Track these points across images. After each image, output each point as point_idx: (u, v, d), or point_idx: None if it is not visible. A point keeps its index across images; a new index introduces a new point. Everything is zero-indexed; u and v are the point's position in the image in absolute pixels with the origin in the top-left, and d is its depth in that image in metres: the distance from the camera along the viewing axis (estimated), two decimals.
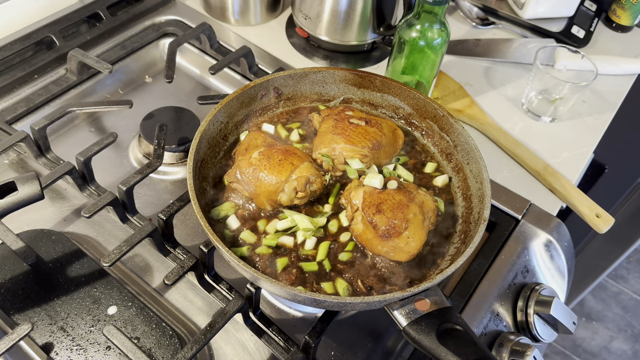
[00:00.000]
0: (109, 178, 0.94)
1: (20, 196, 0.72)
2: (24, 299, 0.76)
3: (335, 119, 0.83)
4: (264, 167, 0.75)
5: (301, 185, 0.74)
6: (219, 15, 1.25)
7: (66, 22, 1.12)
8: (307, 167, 0.76)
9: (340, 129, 0.81)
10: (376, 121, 0.83)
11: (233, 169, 0.78)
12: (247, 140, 0.81)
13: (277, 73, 0.87)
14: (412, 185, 0.77)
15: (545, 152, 1.05)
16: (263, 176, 0.74)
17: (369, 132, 0.81)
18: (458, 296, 0.83)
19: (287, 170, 0.74)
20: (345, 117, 0.83)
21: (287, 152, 0.77)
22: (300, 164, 0.76)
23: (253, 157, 0.76)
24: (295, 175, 0.74)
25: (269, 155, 0.76)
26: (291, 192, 0.75)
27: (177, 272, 0.75)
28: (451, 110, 1.08)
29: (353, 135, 0.80)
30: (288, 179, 0.74)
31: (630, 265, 2.57)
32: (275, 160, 0.75)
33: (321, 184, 0.77)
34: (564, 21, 1.30)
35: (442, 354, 0.59)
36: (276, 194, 0.75)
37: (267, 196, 0.75)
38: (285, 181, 0.74)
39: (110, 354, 0.73)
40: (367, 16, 1.11)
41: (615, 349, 2.31)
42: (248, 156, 0.77)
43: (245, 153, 0.78)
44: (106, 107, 0.95)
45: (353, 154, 0.80)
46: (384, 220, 0.71)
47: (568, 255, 0.93)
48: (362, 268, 0.72)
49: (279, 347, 0.74)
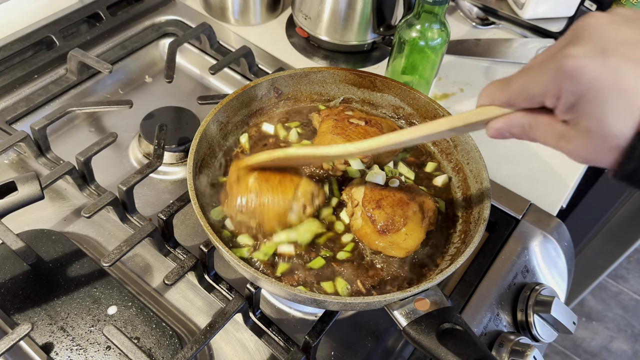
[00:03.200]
0: (109, 178, 0.94)
1: (20, 196, 0.72)
2: (24, 299, 0.76)
3: (335, 119, 0.83)
4: (266, 190, 0.71)
5: (308, 199, 0.72)
6: (219, 15, 1.25)
7: (66, 22, 1.12)
8: (308, 182, 0.74)
9: (340, 129, 0.81)
10: (376, 121, 0.83)
11: (231, 200, 0.72)
12: (235, 169, 0.75)
13: (277, 73, 0.87)
14: (414, 185, 0.77)
15: (545, 152, 1.05)
16: (268, 199, 0.70)
17: (369, 132, 0.81)
18: (458, 296, 0.83)
19: (291, 188, 0.72)
20: (345, 117, 0.83)
21: (282, 171, 0.74)
22: (300, 180, 0.73)
23: (250, 183, 0.72)
24: (300, 191, 0.72)
25: (266, 179, 0.72)
26: (300, 209, 0.72)
27: (177, 272, 0.75)
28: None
29: (353, 135, 0.80)
30: (294, 196, 0.71)
31: (630, 265, 2.57)
32: (275, 182, 0.72)
33: (324, 196, 0.75)
34: (564, 21, 1.30)
35: (442, 354, 0.59)
36: (285, 215, 0.71)
37: (276, 219, 0.71)
38: (292, 199, 0.71)
39: (110, 354, 0.73)
40: (367, 16, 1.11)
41: (615, 349, 2.31)
42: (245, 184, 0.72)
43: (240, 182, 0.73)
44: (106, 107, 0.95)
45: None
46: (383, 215, 0.71)
47: (568, 255, 0.93)
48: (362, 268, 0.72)
49: (279, 347, 0.74)
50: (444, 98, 1.14)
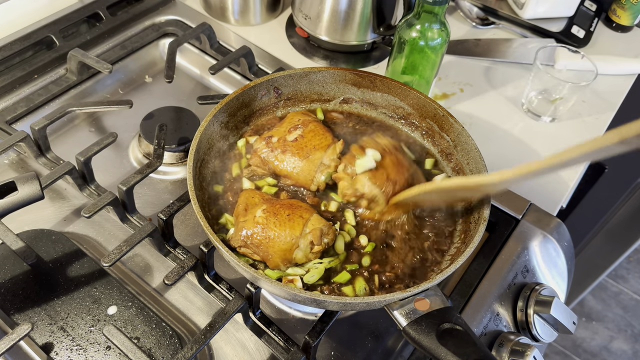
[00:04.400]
0: (109, 178, 0.94)
1: (20, 196, 0.72)
2: (24, 299, 0.76)
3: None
4: (273, 224, 0.69)
5: (317, 237, 0.69)
6: (219, 15, 1.25)
7: (66, 22, 1.12)
8: (318, 219, 0.71)
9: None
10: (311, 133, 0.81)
11: (236, 232, 0.71)
12: (244, 200, 0.74)
13: (277, 73, 0.87)
14: (386, 145, 0.78)
15: (545, 152, 1.05)
16: (275, 234, 0.68)
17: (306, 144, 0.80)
18: (458, 296, 0.83)
19: (299, 224, 0.69)
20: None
21: (292, 206, 0.72)
22: (310, 216, 0.71)
23: (258, 216, 0.70)
24: (308, 228, 0.69)
25: (274, 212, 0.70)
26: (307, 247, 0.69)
27: (177, 272, 0.75)
28: None
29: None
30: (302, 233, 0.69)
31: (630, 265, 2.57)
32: (284, 216, 0.69)
33: (334, 234, 0.72)
34: (564, 21, 1.30)
35: (442, 354, 0.59)
36: (291, 252, 0.69)
37: (281, 255, 0.69)
38: (300, 236, 0.69)
39: (110, 354, 0.73)
40: (367, 16, 1.11)
41: (615, 349, 2.31)
42: (251, 216, 0.70)
43: (247, 213, 0.71)
44: (106, 107, 0.95)
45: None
46: (402, 180, 0.74)
47: (568, 255, 0.93)
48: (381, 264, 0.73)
49: (279, 347, 0.74)
50: (444, 98, 1.14)
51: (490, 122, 1.10)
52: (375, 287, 0.71)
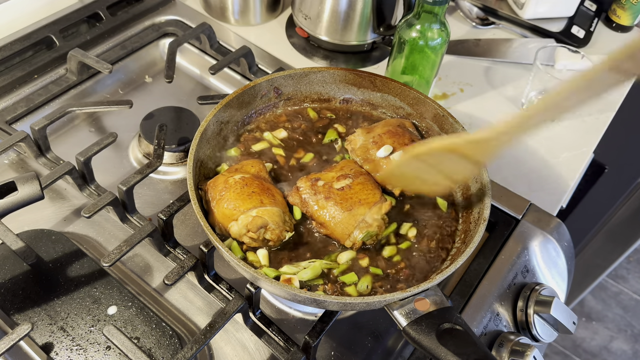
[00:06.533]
0: (109, 178, 0.94)
1: (20, 196, 0.72)
2: (24, 299, 0.76)
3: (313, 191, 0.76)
4: (233, 191, 0.71)
5: (254, 225, 0.69)
6: (219, 15, 1.25)
7: (66, 22, 1.12)
8: (274, 213, 0.71)
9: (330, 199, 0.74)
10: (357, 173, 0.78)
11: (214, 179, 0.75)
12: (247, 163, 0.77)
13: (277, 73, 0.87)
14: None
15: (545, 152, 1.05)
16: (228, 196, 0.71)
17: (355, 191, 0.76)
18: (458, 296, 0.83)
19: (252, 203, 0.70)
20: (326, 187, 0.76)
21: (266, 190, 0.72)
22: (270, 206, 0.71)
23: (233, 177, 0.73)
24: (255, 212, 0.69)
25: (247, 183, 0.72)
26: (242, 227, 0.69)
27: (177, 272, 0.75)
28: None
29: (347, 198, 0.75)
30: (247, 211, 0.70)
31: (630, 265, 2.57)
32: (248, 191, 0.71)
33: (277, 237, 0.70)
34: (564, 21, 1.30)
35: (442, 354, 0.59)
36: (229, 220, 0.70)
37: (220, 218, 0.71)
38: (243, 212, 0.69)
39: (110, 354, 0.73)
40: (367, 16, 1.11)
41: (615, 349, 2.31)
42: (230, 175, 0.73)
43: (233, 172, 0.75)
44: (106, 107, 0.95)
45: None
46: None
47: (568, 255, 0.93)
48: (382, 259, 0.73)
49: (279, 347, 0.74)
50: (444, 98, 1.14)
51: (490, 122, 1.10)
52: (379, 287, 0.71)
